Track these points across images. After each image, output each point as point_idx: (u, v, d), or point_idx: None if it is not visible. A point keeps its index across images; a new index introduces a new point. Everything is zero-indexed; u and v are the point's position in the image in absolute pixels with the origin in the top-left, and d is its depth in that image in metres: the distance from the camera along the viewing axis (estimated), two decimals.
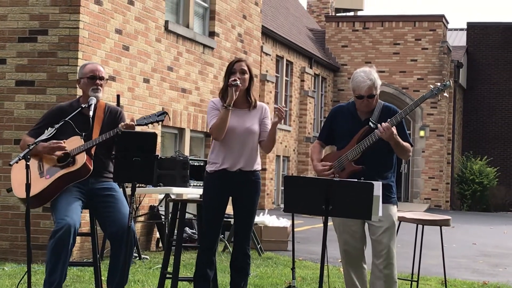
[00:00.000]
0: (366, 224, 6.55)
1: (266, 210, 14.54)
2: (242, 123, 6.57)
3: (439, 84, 6.48)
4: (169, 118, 12.86)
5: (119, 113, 6.68)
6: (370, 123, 6.45)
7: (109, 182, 6.54)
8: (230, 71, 6.57)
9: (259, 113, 6.68)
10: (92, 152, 6.44)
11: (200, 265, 6.61)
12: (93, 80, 6.55)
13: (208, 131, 6.60)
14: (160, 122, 6.53)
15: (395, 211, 6.58)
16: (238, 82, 6.46)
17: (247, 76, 6.58)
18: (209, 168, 6.63)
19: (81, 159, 6.34)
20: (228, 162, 6.54)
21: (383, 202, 6.36)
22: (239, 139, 6.54)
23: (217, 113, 6.52)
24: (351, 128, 6.53)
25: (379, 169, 6.49)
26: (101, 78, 6.59)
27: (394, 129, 6.33)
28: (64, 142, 6.36)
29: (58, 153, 6.34)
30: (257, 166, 6.66)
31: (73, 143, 6.39)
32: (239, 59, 6.69)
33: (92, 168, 6.38)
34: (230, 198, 6.69)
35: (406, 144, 6.50)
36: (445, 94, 6.48)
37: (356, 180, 5.90)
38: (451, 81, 6.51)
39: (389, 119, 6.37)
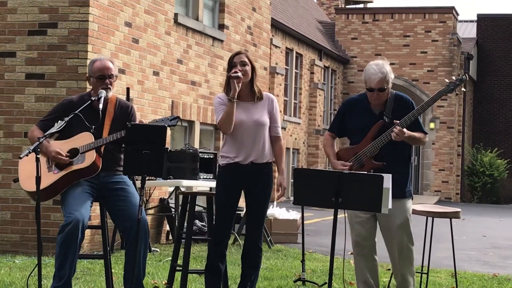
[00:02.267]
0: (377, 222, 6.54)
1: (275, 203, 14.53)
2: (250, 115, 6.56)
3: (454, 78, 6.44)
4: (181, 123, 12.86)
5: (130, 109, 6.65)
6: (385, 117, 6.42)
7: (120, 176, 6.53)
8: (231, 64, 6.56)
9: (267, 104, 6.67)
10: (102, 150, 6.43)
11: (212, 258, 6.61)
12: (103, 80, 6.52)
13: (217, 126, 6.60)
14: (172, 127, 6.52)
15: (409, 206, 6.55)
16: (239, 73, 6.44)
17: (248, 67, 6.57)
18: (221, 161, 6.63)
19: (90, 157, 6.33)
20: (240, 155, 6.54)
21: (397, 197, 6.37)
22: (249, 132, 6.53)
23: (223, 108, 6.51)
24: (365, 122, 6.50)
25: (397, 164, 6.47)
26: (110, 77, 6.54)
27: (406, 130, 6.30)
28: (68, 152, 6.34)
29: (60, 162, 6.31)
30: (269, 158, 6.66)
31: (83, 139, 6.38)
32: (239, 51, 6.68)
33: (100, 166, 6.37)
34: (243, 191, 6.68)
35: (419, 134, 6.48)
36: (463, 88, 6.44)
37: (366, 172, 5.89)
38: (466, 75, 6.48)
39: (399, 121, 6.32)
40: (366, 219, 6.47)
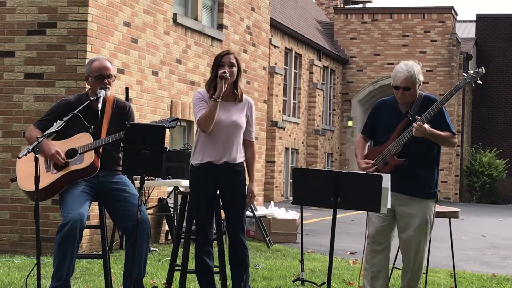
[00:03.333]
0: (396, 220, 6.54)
1: (272, 203, 14.54)
2: (229, 116, 6.53)
3: (472, 71, 6.41)
4: (180, 125, 12.84)
5: (128, 109, 6.65)
6: (409, 116, 6.41)
7: (119, 176, 6.53)
8: (219, 63, 6.52)
9: (245, 107, 6.64)
10: (100, 150, 6.43)
11: (199, 257, 6.62)
12: (101, 79, 6.52)
13: (196, 123, 6.57)
14: (172, 129, 6.51)
15: (432, 207, 6.52)
16: (228, 74, 6.44)
17: (235, 69, 6.54)
18: (194, 161, 6.60)
19: (89, 157, 6.34)
20: (214, 155, 6.52)
21: (419, 197, 6.36)
22: (225, 132, 6.51)
23: (204, 105, 6.48)
24: (392, 122, 6.49)
25: (422, 162, 6.45)
26: (109, 76, 6.54)
27: (426, 126, 6.25)
28: (66, 153, 6.34)
29: (57, 162, 6.31)
30: (242, 159, 6.64)
31: (82, 140, 6.38)
32: (228, 51, 6.65)
33: (99, 167, 6.38)
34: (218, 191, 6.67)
35: (445, 133, 6.41)
36: (479, 81, 6.40)
37: (364, 172, 5.88)
38: (483, 68, 6.45)
39: (419, 117, 6.30)
40: (386, 214, 6.41)
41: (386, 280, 6.61)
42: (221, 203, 6.71)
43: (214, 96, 6.41)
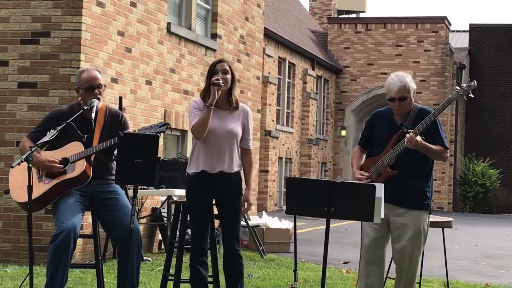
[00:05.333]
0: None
1: (266, 212, 14.53)
2: (224, 124, 6.53)
3: (464, 85, 6.44)
4: (171, 129, 12.88)
5: (121, 117, 6.65)
6: (403, 127, 6.43)
7: (112, 185, 6.53)
8: (212, 71, 6.53)
9: (241, 115, 6.64)
10: (92, 159, 6.42)
11: (194, 267, 6.59)
12: (91, 90, 6.52)
13: (190, 130, 6.57)
14: (162, 133, 6.51)
15: (426, 218, 6.53)
16: (221, 81, 6.43)
17: (229, 76, 6.54)
18: (189, 170, 6.58)
19: (80, 166, 6.33)
20: (209, 164, 6.50)
21: (412, 208, 6.38)
22: (220, 141, 6.50)
23: (198, 113, 6.47)
24: (388, 133, 6.51)
25: (415, 174, 6.46)
26: (99, 87, 6.54)
27: (419, 138, 6.26)
28: (61, 159, 6.34)
29: (53, 169, 6.31)
30: (238, 168, 6.61)
31: (73, 149, 6.38)
32: (221, 59, 6.65)
33: (91, 175, 6.37)
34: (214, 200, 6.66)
35: (437, 147, 6.42)
36: (471, 95, 6.42)
37: (357, 182, 5.88)
38: (475, 82, 6.48)
39: (412, 130, 6.32)
40: (380, 225, 6.42)
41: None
42: (216, 212, 6.70)
43: (207, 104, 6.42)
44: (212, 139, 6.48)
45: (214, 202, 6.68)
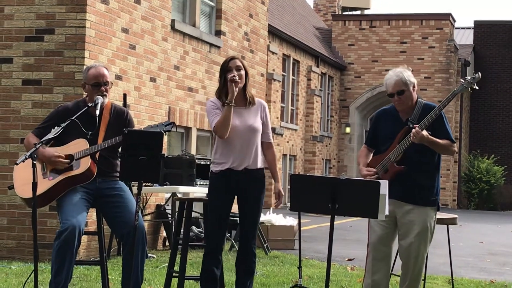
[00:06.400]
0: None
1: (271, 209, 14.53)
2: (244, 121, 6.53)
3: (468, 77, 6.41)
4: (176, 129, 12.86)
5: (126, 115, 6.65)
6: (409, 123, 6.42)
7: (116, 182, 6.53)
8: (226, 69, 6.53)
9: (259, 110, 6.64)
10: (97, 156, 6.43)
11: (207, 264, 6.59)
12: (98, 87, 6.52)
13: (212, 130, 6.56)
14: (167, 132, 6.51)
15: (433, 215, 6.51)
16: (237, 78, 6.44)
17: (243, 72, 6.54)
18: (214, 168, 6.59)
19: (85, 163, 6.33)
20: (234, 161, 6.51)
21: (419, 204, 6.36)
22: (243, 137, 6.51)
23: (218, 112, 6.47)
24: (393, 130, 6.49)
25: (422, 170, 6.45)
26: (106, 83, 6.54)
27: (424, 132, 6.25)
28: (65, 156, 6.34)
29: (59, 165, 6.31)
30: (261, 165, 6.64)
31: (78, 145, 6.38)
32: (233, 57, 6.65)
33: (95, 172, 6.37)
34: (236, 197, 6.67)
35: (444, 141, 6.40)
36: (476, 86, 6.40)
37: (362, 179, 5.87)
38: (479, 74, 6.45)
39: (418, 124, 6.31)
40: (387, 222, 6.42)
41: (387, 285, 6.61)
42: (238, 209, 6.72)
43: (227, 101, 6.41)
44: (234, 136, 6.48)
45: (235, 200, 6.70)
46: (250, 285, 6.69)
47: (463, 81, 6.40)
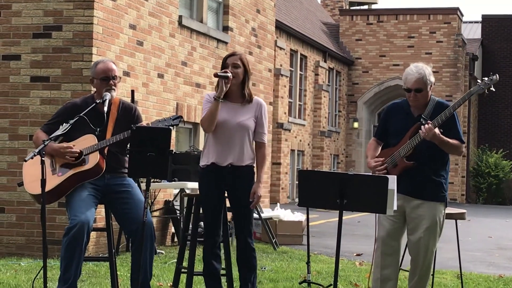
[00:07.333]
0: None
1: (278, 204, 14.54)
2: (234, 117, 6.51)
3: (486, 79, 6.41)
4: (184, 122, 12.89)
5: (134, 111, 6.65)
6: (421, 120, 6.41)
7: (125, 178, 6.54)
8: (223, 65, 6.53)
9: (255, 108, 6.60)
10: (105, 151, 6.43)
11: (207, 260, 6.61)
12: (106, 81, 6.52)
13: (200, 124, 6.56)
14: (175, 126, 6.51)
15: (442, 210, 6.51)
16: (228, 74, 6.41)
17: (240, 70, 6.50)
18: (201, 162, 6.59)
19: (94, 158, 6.34)
20: (218, 156, 6.50)
21: (428, 199, 6.36)
22: (230, 133, 6.48)
23: (210, 106, 6.49)
24: (404, 125, 6.49)
25: (431, 165, 6.44)
26: (114, 78, 6.55)
27: (436, 130, 6.24)
28: (74, 145, 6.36)
29: (69, 157, 6.31)
30: (250, 162, 6.58)
31: (86, 141, 6.38)
32: (233, 53, 6.64)
33: (104, 168, 6.38)
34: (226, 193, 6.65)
35: (453, 141, 6.40)
36: (492, 88, 6.39)
37: (370, 174, 5.87)
38: (497, 76, 6.44)
39: (431, 121, 6.31)
40: (396, 217, 6.41)
41: (395, 283, 6.61)
42: (228, 205, 6.71)
43: (214, 96, 6.41)
44: (222, 131, 6.48)
45: (226, 194, 6.68)
46: (254, 280, 6.68)
47: (480, 82, 6.40)
